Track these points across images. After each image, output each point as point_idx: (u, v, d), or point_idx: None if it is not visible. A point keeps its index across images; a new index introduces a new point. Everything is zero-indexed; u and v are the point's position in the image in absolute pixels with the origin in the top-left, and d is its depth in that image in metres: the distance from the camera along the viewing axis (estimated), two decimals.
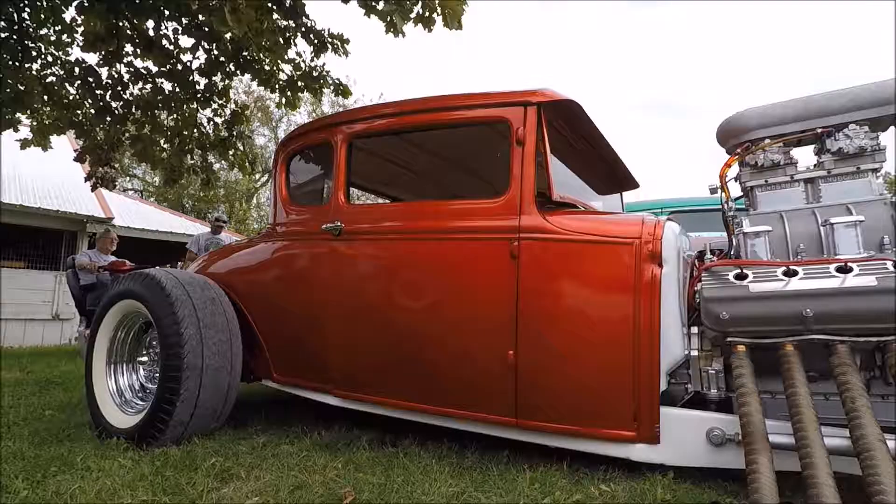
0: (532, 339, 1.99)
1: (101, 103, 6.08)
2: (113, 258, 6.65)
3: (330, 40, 6.30)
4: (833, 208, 2.03)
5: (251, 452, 2.37)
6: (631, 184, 3.16)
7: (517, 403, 2.04)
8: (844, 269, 1.72)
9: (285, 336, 2.69)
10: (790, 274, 1.79)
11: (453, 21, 5.04)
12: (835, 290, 1.69)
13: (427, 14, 5.19)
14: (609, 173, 2.97)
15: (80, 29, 5.80)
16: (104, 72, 6.02)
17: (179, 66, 6.24)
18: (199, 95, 6.51)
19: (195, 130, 6.73)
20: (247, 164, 7.40)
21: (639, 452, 1.91)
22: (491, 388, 2.09)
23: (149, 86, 6.31)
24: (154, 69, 6.15)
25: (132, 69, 6.15)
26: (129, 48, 5.85)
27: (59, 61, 6.08)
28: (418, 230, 2.27)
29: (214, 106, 6.78)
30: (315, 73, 6.60)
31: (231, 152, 6.96)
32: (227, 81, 6.75)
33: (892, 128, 2.14)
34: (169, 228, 13.04)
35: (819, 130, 2.07)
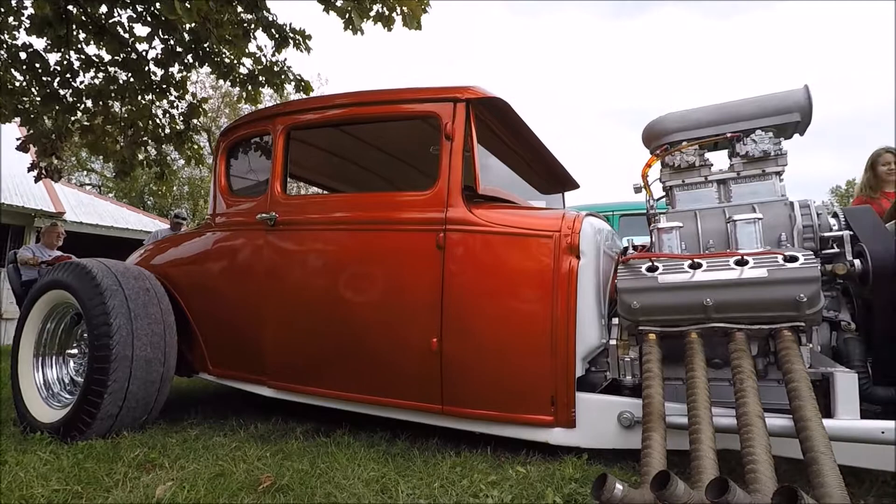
0: (456, 327, 2.05)
1: (49, 90, 5.88)
2: (58, 253, 6.43)
3: (291, 35, 6.26)
4: (741, 207, 2.16)
5: (181, 444, 2.35)
6: (571, 184, 3.27)
7: (442, 390, 2.10)
8: (741, 262, 1.84)
9: (221, 328, 2.68)
10: (695, 266, 1.90)
11: (412, 21, 5.09)
12: (731, 280, 1.81)
13: (387, 13, 5.24)
14: (548, 173, 3.07)
15: (28, 11, 5.61)
16: (53, 58, 5.83)
17: (134, 56, 6.10)
18: (154, 86, 6.37)
19: (150, 122, 6.57)
20: (205, 158, 7.27)
21: (556, 436, 1.99)
22: (418, 376, 2.14)
23: (101, 74, 6.14)
24: (107, 57, 5.99)
25: (83, 56, 5.97)
26: (80, 34, 5.68)
27: (4, 45, 5.85)
28: (350, 221, 2.30)
29: (171, 98, 6.65)
30: (276, 69, 6.54)
31: (187, 146, 6.83)
32: (184, 73, 6.63)
33: (796, 135, 2.29)
34: (125, 225, 12.65)
35: (729, 135, 2.20)
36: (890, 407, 1.94)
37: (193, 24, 5.56)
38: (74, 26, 5.52)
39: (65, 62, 5.86)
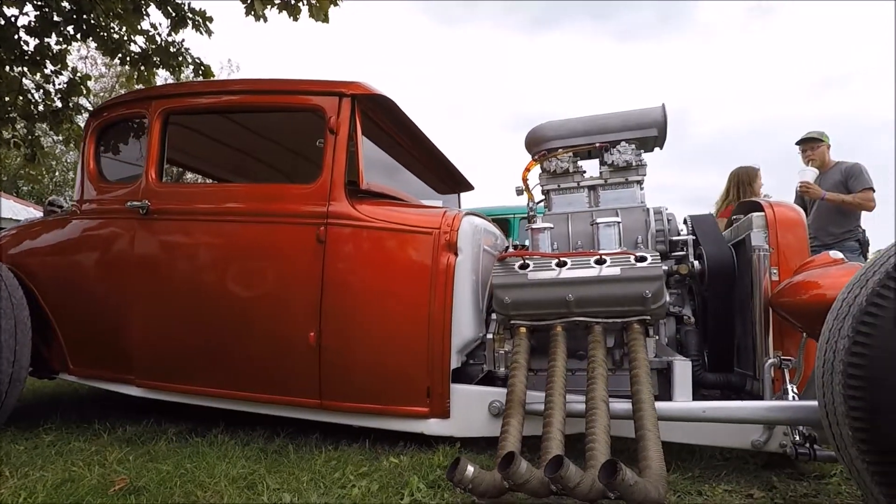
0: (335, 321, 2.06)
1: None
2: None
3: (190, 16, 5.87)
4: (607, 212, 2.37)
5: (30, 451, 2.14)
6: (465, 186, 3.40)
7: (321, 385, 2.09)
8: (600, 262, 2.02)
9: (83, 323, 2.46)
10: (561, 265, 2.06)
11: (319, 14, 5.00)
12: (589, 278, 1.98)
13: (293, 2, 5.09)
14: (442, 173, 3.16)
15: None
16: None
17: (1, 21, 5.41)
18: (26, 57, 5.69)
19: (19, 97, 5.86)
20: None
21: (431, 426, 2.06)
22: (296, 371, 2.12)
23: None
24: None
25: None
26: None
27: None
28: (228, 212, 2.23)
29: (46, 72, 5.97)
30: (172, 49, 6.10)
31: (66, 126, 6.17)
32: (63, 45, 5.99)
33: (657, 149, 2.55)
34: None
35: (598, 145, 2.41)
36: (726, 390, 2.23)
37: None
38: None
39: None
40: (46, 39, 5.73)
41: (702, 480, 1.80)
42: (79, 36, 5.81)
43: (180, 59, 6.11)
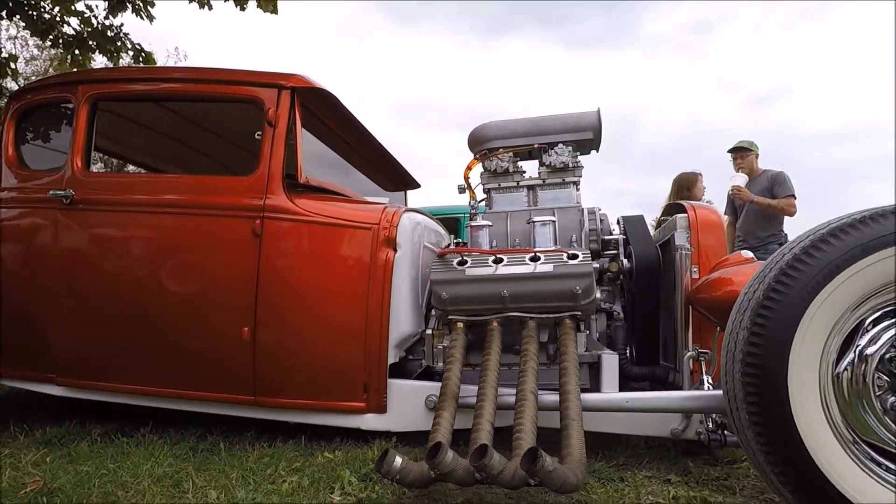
0: (270, 316, 2.03)
1: None
2: None
3: None
4: (544, 211, 2.45)
5: None
6: (412, 184, 3.41)
7: (256, 381, 2.06)
8: (535, 259, 2.09)
9: None
10: (498, 261, 2.11)
11: (268, 4, 4.90)
12: (523, 274, 2.04)
13: None
14: (387, 171, 3.16)
15: None
16: None
17: None
18: None
19: None
20: None
21: (368, 422, 2.07)
22: (230, 367, 2.08)
23: None
24: None
25: None
26: None
27: None
28: (159, 204, 2.15)
29: None
30: (110, 34, 5.79)
31: None
32: None
33: (593, 151, 2.66)
34: None
35: (537, 146, 2.48)
36: (651, 382, 2.35)
37: None
38: None
39: None
40: None
41: (625, 468, 1.90)
42: (3, 13, 5.43)
43: (119, 44, 5.81)
